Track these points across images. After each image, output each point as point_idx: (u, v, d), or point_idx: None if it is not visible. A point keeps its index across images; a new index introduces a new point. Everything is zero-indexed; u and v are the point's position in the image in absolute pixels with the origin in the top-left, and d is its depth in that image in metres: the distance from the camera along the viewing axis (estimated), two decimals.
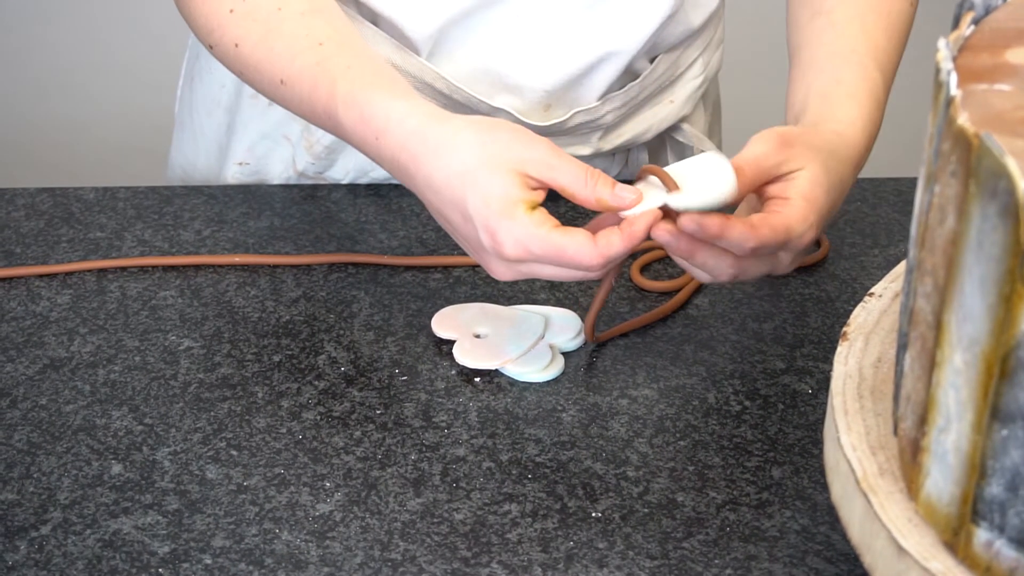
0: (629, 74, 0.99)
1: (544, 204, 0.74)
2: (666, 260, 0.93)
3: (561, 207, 0.93)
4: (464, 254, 0.93)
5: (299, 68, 0.81)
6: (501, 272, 0.75)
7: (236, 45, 0.84)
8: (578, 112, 0.97)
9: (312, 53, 0.81)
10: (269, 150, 1.04)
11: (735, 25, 1.14)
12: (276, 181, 1.05)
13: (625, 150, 1.04)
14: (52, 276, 0.92)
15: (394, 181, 1.03)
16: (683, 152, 1.06)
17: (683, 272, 0.91)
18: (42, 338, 0.86)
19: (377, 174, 1.02)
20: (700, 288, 0.90)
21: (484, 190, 0.72)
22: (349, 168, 1.03)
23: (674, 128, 1.05)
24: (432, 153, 0.74)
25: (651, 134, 1.03)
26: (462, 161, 0.73)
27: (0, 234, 0.97)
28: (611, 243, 0.72)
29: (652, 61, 1.00)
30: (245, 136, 1.04)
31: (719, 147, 1.09)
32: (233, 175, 1.06)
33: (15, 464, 0.76)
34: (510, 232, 0.72)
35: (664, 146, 1.07)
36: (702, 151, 1.02)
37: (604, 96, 0.98)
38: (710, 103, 1.10)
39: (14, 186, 1.03)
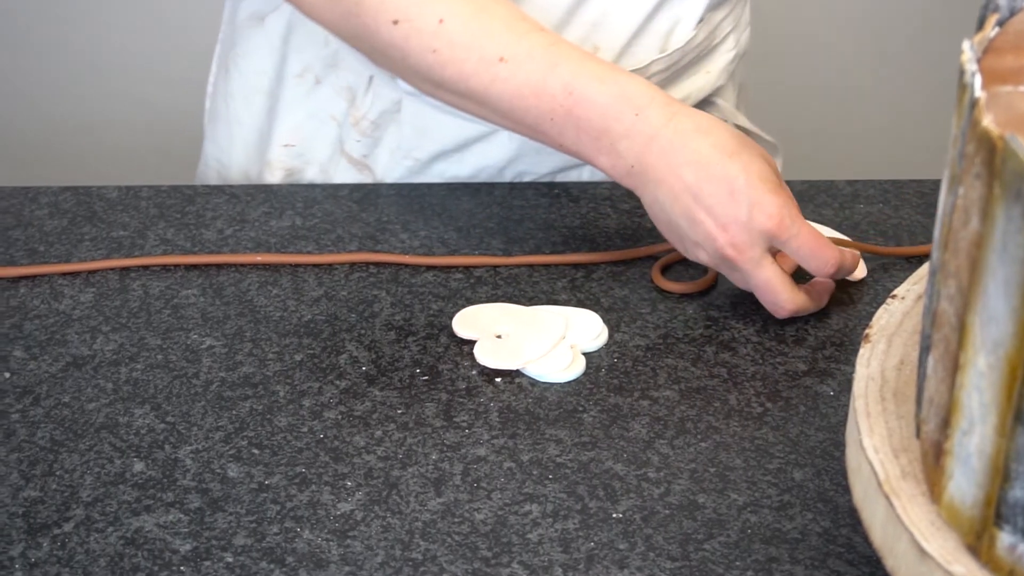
0: (671, 35, 1.02)
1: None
2: (686, 261, 0.93)
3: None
4: (491, 254, 0.93)
5: (529, 47, 0.84)
6: (738, 248, 0.82)
7: (441, 21, 0.84)
8: None
9: (541, 36, 0.85)
10: (315, 131, 1.05)
11: (761, 19, 1.16)
12: (322, 164, 1.05)
13: None
14: (75, 274, 0.92)
15: (417, 176, 1.04)
16: None
17: (705, 272, 0.92)
18: (65, 336, 0.86)
19: (420, 153, 1.03)
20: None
21: (757, 169, 0.82)
22: (393, 147, 1.03)
23: (709, 103, 1.07)
24: (698, 131, 0.83)
25: (689, 102, 1.05)
26: (727, 141, 0.83)
27: (24, 232, 0.97)
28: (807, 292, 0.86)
29: (696, 26, 1.03)
30: (290, 117, 1.06)
31: None
32: (278, 158, 1.06)
33: (38, 461, 0.76)
34: (775, 204, 0.81)
35: None
36: (735, 124, 1.08)
37: (653, 59, 1.01)
38: (737, 83, 1.13)
39: (38, 184, 1.03)
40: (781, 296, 0.84)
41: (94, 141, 2.12)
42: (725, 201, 0.82)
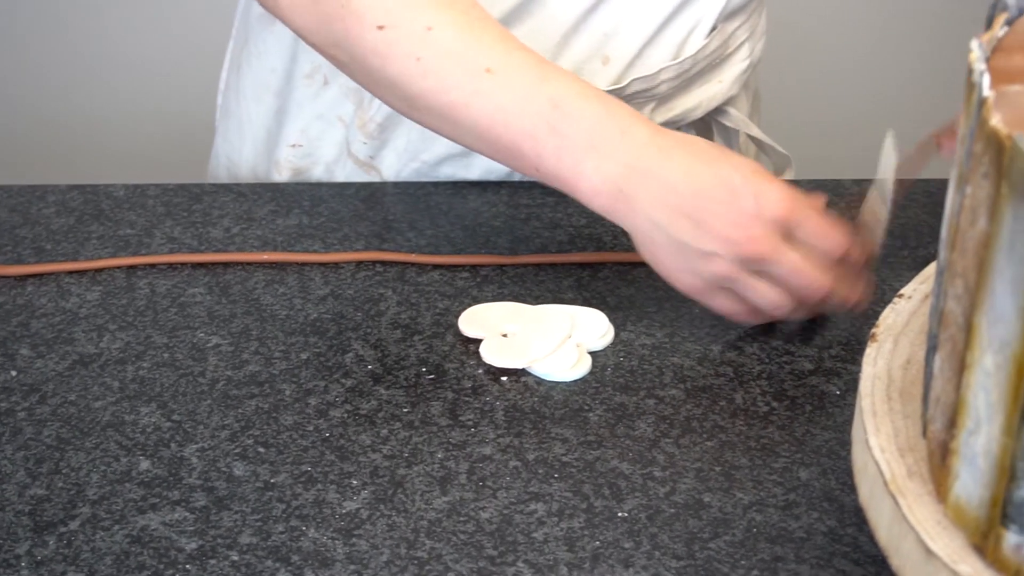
0: (683, 44, 1.02)
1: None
2: None
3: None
4: (497, 253, 0.93)
5: (519, 60, 0.83)
6: (757, 240, 0.79)
7: (429, 28, 0.83)
8: (635, 80, 0.99)
9: (529, 53, 0.83)
10: (322, 132, 1.05)
11: (775, 27, 1.16)
12: (328, 164, 1.06)
13: (675, 127, 1.05)
14: (82, 273, 0.92)
15: (425, 179, 1.04)
16: (728, 137, 1.08)
17: None
18: (72, 334, 0.86)
19: (428, 156, 1.03)
20: None
21: (746, 165, 0.81)
22: (400, 150, 1.03)
23: (720, 112, 1.06)
24: (679, 145, 0.81)
25: (700, 111, 1.05)
26: (709, 150, 0.82)
27: (31, 231, 0.97)
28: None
29: (708, 35, 1.02)
30: (299, 118, 1.06)
31: None
32: (286, 158, 1.07)
33: (44, 459, 0.76)
34: (778, 191, 0.80)
35: (710, 130, 1.08)
36: (747, 135, 1.08)
37: (663, 67, 1.00)
38: (751, 92, 1.13)
39: (45, 183, 1.03)
40: (815, 274, 0.81)
41: (101, 139, 2.12)
42: (729, 200, 0.79)
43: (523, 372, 0.83)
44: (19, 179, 1.09)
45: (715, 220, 0.79)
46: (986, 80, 0.52)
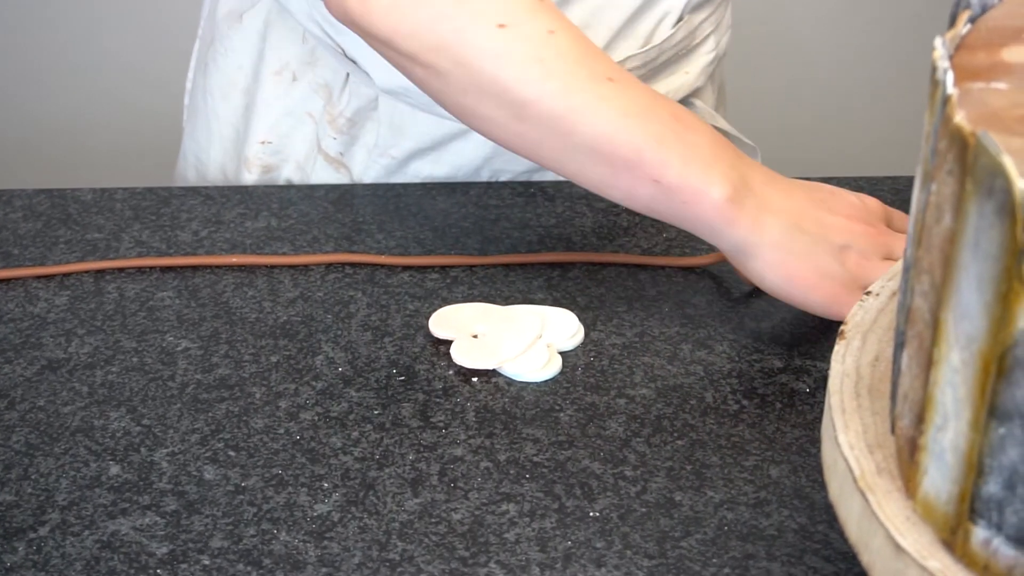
0: (651, 35, 1.02)
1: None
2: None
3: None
4: (467, 254, 0.93)
5: (630, 75, 0.82)
6: (877, 226, 0.83)
7: (551, 32, 0.80)
8: None
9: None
10: (292, 128, 1.05)
11: (740, 21, 1.16)
12: (299, 162, 1.05)
13: None
14: (50, 277, 0.92)
15: (394, 175, 1.04)
16: None
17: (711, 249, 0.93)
18: (40, 339, 0.86)
19: (396, 152, 1.03)
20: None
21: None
22: (370, 146, 1.03)
23: (687, 103, 1.07)
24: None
25: None
26: None
27: None
28: None
29: (675, 25, 1.03)
30: (268, 115, 1.06)
31: None
32: (255, 154, 1.06)
33: (13, 465, 0.76)
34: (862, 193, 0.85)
35: None
36: (714, 127, 1.06)
37: (629, 55, 1.00)
38: (717, 84, 1.14)
39: (12, 187, 1.03)
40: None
41: (68, 143, 2.11)
42: (840, 196, 0.83)
43: (494, 373, 0.83)
44: None
45: (838, 213, 0.82)
46: (950, 77, 0.52)
